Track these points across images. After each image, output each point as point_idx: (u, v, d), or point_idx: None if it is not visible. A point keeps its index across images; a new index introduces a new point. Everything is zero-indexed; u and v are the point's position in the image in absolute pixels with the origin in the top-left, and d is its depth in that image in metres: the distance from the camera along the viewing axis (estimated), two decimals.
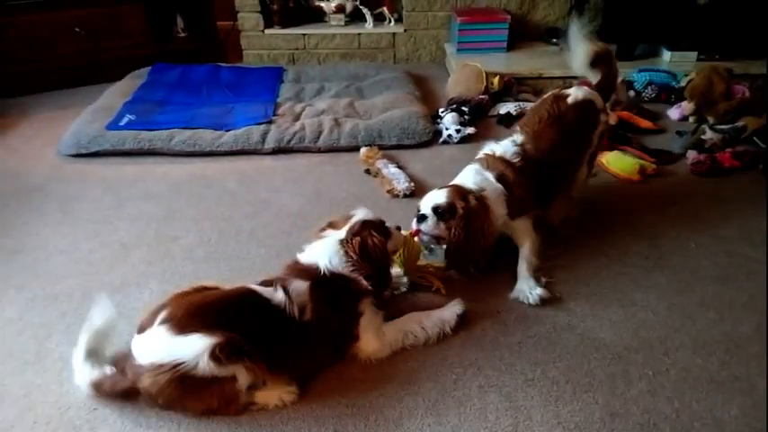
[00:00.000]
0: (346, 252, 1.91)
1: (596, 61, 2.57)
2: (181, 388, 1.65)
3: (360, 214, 2.02)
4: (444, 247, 2.21)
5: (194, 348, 1.63)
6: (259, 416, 1.76)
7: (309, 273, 1.88)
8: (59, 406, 1.80)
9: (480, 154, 2.37)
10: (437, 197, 2.16)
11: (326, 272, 1.87)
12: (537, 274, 2.27)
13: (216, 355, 1.62)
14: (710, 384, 1.85)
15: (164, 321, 1.69)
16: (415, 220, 2.20)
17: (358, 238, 1.93)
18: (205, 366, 1.62)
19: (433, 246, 2.30)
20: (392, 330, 1.99)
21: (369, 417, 1.76)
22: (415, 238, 2.23)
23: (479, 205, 2.13)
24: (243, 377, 1.69)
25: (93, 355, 1.81)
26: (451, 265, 2.24)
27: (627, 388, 1.84)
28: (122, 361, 1.78)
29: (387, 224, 2.06)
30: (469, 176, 2.25)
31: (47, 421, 1.76)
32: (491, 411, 1.77)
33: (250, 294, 1.81)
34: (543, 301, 2.17)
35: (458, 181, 2.26)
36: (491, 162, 2.28)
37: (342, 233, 1.96)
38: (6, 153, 3.37)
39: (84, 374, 1.78)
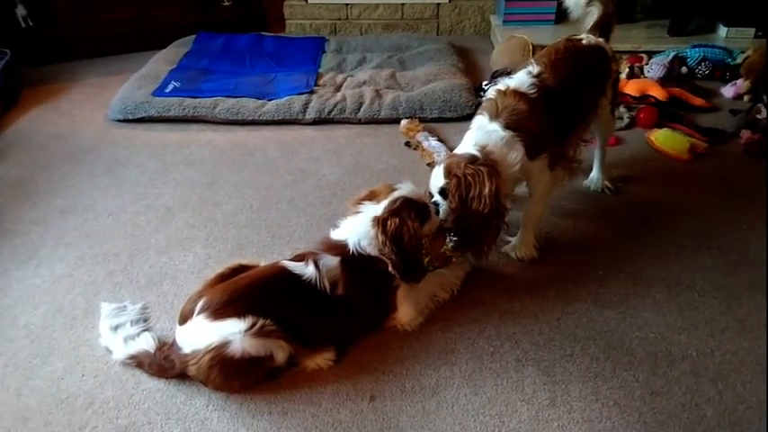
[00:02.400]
0: (375, 234, 1.82)
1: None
2: (223, 371, 1.69)
3: (403, 189, 1.90)
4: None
5: (230, 332, 1.67)
6: (298, 379, 1.79)
7: (340, 249, 1.86)
8: (106, 360, 1.87)
9: (490, 93, 2.17)
10: (438, 177, 2.01)
11: (355, 251, 1.84)
12: (540, 226, 2.30)
13: (250, 333, 1.66)
14: (756, 368, 1.80)
15: (201, 311, 1.72)
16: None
17: (396, 220, 1.81)
18: (240, 345, 1.66)
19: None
20: (424, 298, 1.99)
21: (405, 384, 1.78)
22: None
23: (475, 170, 1.93)
24: (279, 355, 1.73)
25: (121, 328, 1.91)
26: (461, 247, 2.11)
27: (669, 368, 1.81)
28: (168, 349, 1.81)
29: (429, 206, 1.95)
30: (471, 135, 2.07)
31: (94, 374, 1.83)
32: (528, 385, 1.77)
33: (281, 273, 1.81)
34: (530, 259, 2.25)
35: (461, 145, 2.09)
36: (501, 102, 2.08)
37: (379, 209, 1.86)
38: (58, 117, 3.45)
39: (117, 348, 1.85)
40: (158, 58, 3.97)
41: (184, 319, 1.77)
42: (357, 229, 1.87)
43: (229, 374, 1.70)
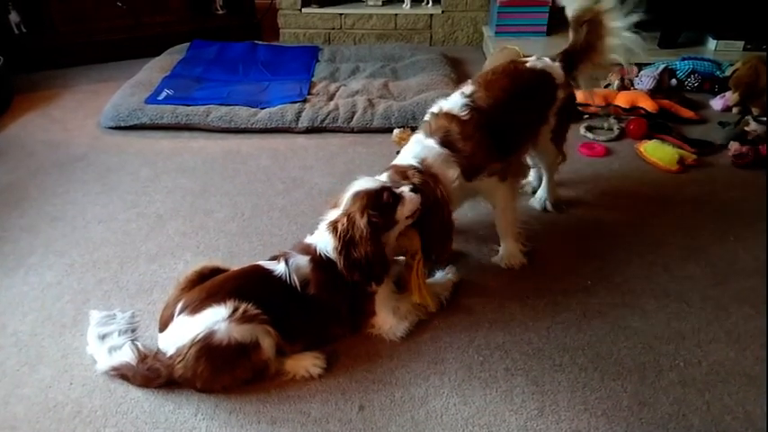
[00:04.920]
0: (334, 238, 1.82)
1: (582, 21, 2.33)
2: (211, 363, 1.69)
3: (355, 186, 1.87)
4: None
5: (212, 318, 1.69)
6: (287, 387, 1.79)
7: (309, 251, 1.89)
8: (95, 369, 1.85)
9: (426, 115, 2.19)
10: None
11: (324, 256, 1.85)
12: (518, 231, 2.29)
13: (234, 318, 1.68)
14: (743, 378, 1.81)
15: (181, 311, 1.75)
16: None
17: (344, 220, 1.80)
18: (226, 331, 1.67)
19: None
20: (405, 305, 1.99)
21: (395, 393, 1.78)
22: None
23: (424, 180, 1.94)
24: (266, 341, 1.73)
25: (108, 337, 1.90)
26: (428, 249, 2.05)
27: (657, 378, 1.82)
28: (152, 358, 1.79)
29: (396, 188, 1.86)
30: (410, 149, 2.08)
31: (82, 383, 1.82)
32: (517, 394, 1.77)
33: (256, 269, 1.87)
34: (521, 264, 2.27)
35: (398, 158, 2.10)
36: (434, 123, 2.10)
37: (336, 213, 1.87)
38: (49, 123, 3.45)
39: (101, 359, 1.84)
40: (152, 66, 3.97)
41: (165, 325, 1.79)
42: (322, 234, 1.89)
43: (217, 366, 1.70)
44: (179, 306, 1.76)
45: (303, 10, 4.66)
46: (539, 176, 2.65)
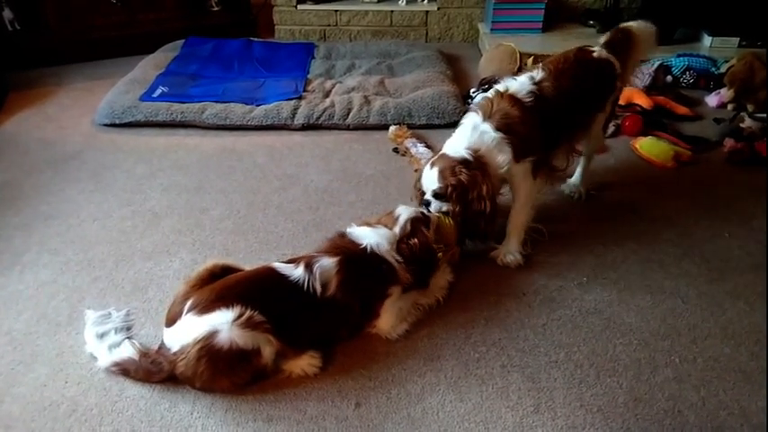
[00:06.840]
0: (399, 250, 1.96)
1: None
2: (212, 364, 1.69)
3: (404, 213, 2.05)
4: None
5: (217, 321, 1.69)
6: (284, 386, 1.79)
7: (348, 247, 1.91)
8: (90, 367, 1.85)
9: (490, 92, 2.22)
10: (432, 180, 2.15)
11: (369, 249, 1.90)
12: (528, 229, 2.30)
13: (237, 324, 1.68)
14: (738, 374, 1.82)
15: (190, 309, 1.74)
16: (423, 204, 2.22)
17: (415, 241, 1.98)
18: (228, 335, 1.66)
19: None
20: (406, 306, 2.00)
21: (391, 391, 1.78)
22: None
23: (471, 175, 2.07)
24: (267, 349, 1.73)
25: (106, 335, 1.90)
26: (463, 238, 2.25)
27: (652, 374, 1.82)
28: (156, 353, 1.81)
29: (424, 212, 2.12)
30: (464, 136, 2.15)
31: (78, 381, 1.82)
32: (513, 391, 1.78)
33: (269, 273, 1.86)
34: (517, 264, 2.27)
35: (452, 143, 2.18)
36: (496, 104, 2.14)
37: (397, 232, 2.00)
38: (44, 122, 3.43)
39: (102, 356, 1.84)
40: (146, 63, 3.96)
41: (172, 321, 1.78)
42: (377, 234, 1.97)
43: (217, 368, 1.70)
44: (188, 304, 1.75)
45: (298, 7, 4.65)
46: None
